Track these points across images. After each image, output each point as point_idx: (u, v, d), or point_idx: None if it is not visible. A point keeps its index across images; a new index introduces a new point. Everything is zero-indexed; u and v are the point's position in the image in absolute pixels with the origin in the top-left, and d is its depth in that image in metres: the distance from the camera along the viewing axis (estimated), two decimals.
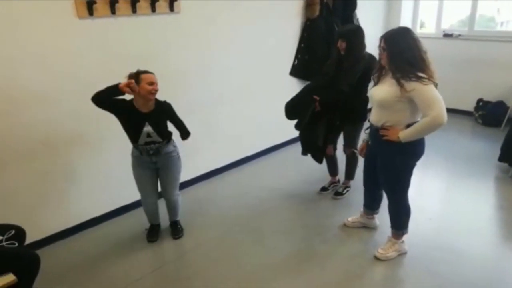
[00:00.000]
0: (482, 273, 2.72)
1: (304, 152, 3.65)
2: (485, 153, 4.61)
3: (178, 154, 3.03)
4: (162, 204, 3.23)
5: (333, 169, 3.90)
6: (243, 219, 3.47)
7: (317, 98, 3.29)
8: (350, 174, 3.81)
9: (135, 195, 3.13)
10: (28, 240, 2.49)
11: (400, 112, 2.53)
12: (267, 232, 3.28)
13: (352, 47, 3.16)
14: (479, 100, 5.73)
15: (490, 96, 5.66)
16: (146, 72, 2.71)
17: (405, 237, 2.94)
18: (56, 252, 3.10)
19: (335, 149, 3.66)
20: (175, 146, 3.01)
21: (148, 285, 2.73)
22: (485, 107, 5.61)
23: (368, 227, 3.25)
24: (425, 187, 4.08)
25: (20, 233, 2.36)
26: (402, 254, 2.94)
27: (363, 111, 3.45)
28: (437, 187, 4.08)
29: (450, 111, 5.89)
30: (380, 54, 2.55)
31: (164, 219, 3.33)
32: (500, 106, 5.50)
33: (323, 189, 3.89)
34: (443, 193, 3.95)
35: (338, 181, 3.95)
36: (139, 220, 3.43)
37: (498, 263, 2.83)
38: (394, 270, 2.81)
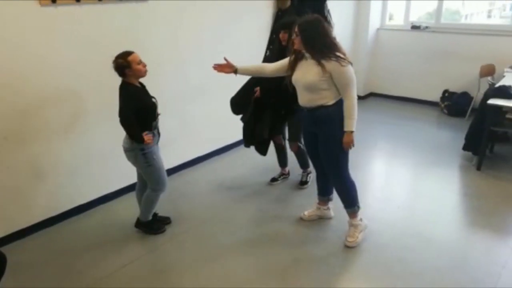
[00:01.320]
0: (447, 258, 2.83)
1: (247, 145, 3.68)
2: (450, 142, 4.77)
3: None
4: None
5: (283, 159, 3.93)
6: (215, 211, 3.47)
7: (257, 88, 3.35)
8: (305, 163, 3.83)
9: (103, 189, 3.06)
10: None
11: (328, 91, 2.68)
12: (239, 223, 3.30)
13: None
14: (445, 91, 5.91)
15: (455, 87, 5.84)
16: (128, 53, 2.65)
17: (360, 213, 3.03)
18: (23, 248, 3.00)
19: (284, 138, 3.71)
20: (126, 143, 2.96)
21: (120, 279, 2.69)
22: (450, 97, 5.79)
23: (324, 218, 3.30)
24: (393, 176, 4.19)
25: None
26: (365, 231, 3.05)
27: None
28: (404, 175, 4.19)
29: (417, 101, 6.20)
30: (293, 39, 2.68)
31: (167, 212, 3.33)
32: (464, 96, 5.69)
33: (273, 179, 3.92)
34: (410, 182, 4.06)
35: (288, 173, 3.99)
36: (109, 214, 3.39)
37: (462, 248, 2.95)
38: (362, 256, 2.88)
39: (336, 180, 2.98)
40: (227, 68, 2.96)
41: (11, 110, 2.85)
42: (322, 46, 2.59)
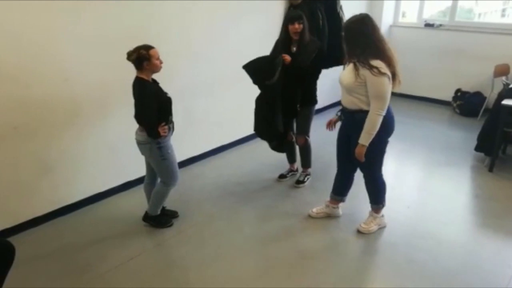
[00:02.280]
0: (458, 260, 2.78)
1: (270, 139, 3.56)
2: (462, 143, 4.70)
3: None
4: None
5: (292, 155, 3.88)
6: (223, 206, 3.45)
7: (288, 57, 3.18)
8: (307, 162, 3.79)
9: (112, 182, 3.05)
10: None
11: (365, 96, 2.62)
12: (246, 219, 3.27)
13: (305, 29, 3.24)
14: (457, 90, 5.82)
15: (468, 86, 5.76)
16: (150, 47, 2.66)
17: (384, 211, 3.06)
18: (30, 240, 3.01)
19: (293, 133, 3.67)
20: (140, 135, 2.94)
21: (126, 272, 2.69)
22: (463, 97, 5.71)
23: (332, 216, 3.27)
24: (404, 175, 4.14)
25: None
26: (382, 227, 3.08)
27: (315, 94, 3.53)
28: (415, 175, 4.14)
29: (428, 100, 6.12)
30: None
31: (175, 206, 3.33)
32: (477, 96, 5.61)
33: (282, 176, 3.89)
34: (421, 182, 4.01)
35: (297, 170, 3.94)
36: (116, 207, 3.40)
37: (473, 250, 2.90)
38: (371, 255, 2.85)
39: (368, 180, 2.99)
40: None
41: (21, 102, 2.86)
42: (357, 47, 2.54)
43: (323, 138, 3.76)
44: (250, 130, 3.65)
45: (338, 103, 5.79)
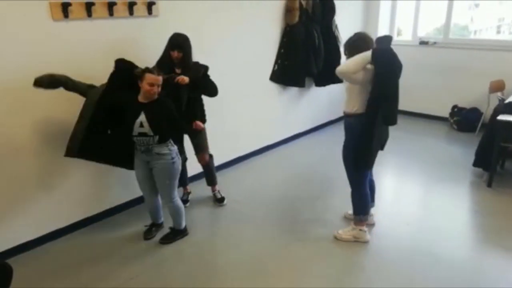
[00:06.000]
0: (458, 277, 2.76)
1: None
2: (460, 158, 4.71)
3: (173, 159, 2.94)
4: None
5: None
6: (222, 224, 3.43)
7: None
8: (215, 178, 3.80)
9: (113, 201, 3.05)
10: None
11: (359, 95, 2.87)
12: (245, 238, 3.27)
13: (187, 55, 3.16)
14: (454, 107, 5.87)
15: (465, 102, 5.80)
16: (151, 71, 2.73)
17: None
18: (29, 260, 3.00)
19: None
20: (171, 150, 2.93)
21: (142, 283, 2.68)
22: (460, 113, 5.75)
23: (367, 224, 3.24)
24: (402, 192, 4.14)
25: None
26: (360, 241, 3.11)
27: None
28: (414, 191, 4.14)
29: (426, 116, 6.14)
30: None
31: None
32: (474, 112, 5.65)
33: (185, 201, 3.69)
34: (419, 198, 4.01)
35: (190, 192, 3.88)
36: (116, 227, 3.38)
37: (474, 267, 2.88)
38: (370, 273, 2.83)
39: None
40: None
41: (22, 121, 2.89)
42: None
43: (323, 155, 3.78)
44: (248, 148, 3.66)
45: (336, 120, 5.88)
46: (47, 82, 2.71)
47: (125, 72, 2.83)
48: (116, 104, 2.81)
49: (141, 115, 2.78)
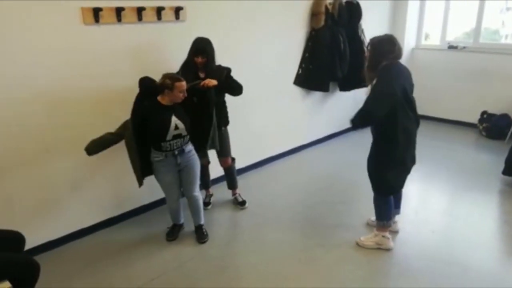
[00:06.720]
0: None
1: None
2: (489, 166, 4.58)
3: (194, 153, 3.15)
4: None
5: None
6: (244, 227, 3.45)
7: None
8: (236, 182, 3.81)
9: (137, 202, 3.11)
10: (28, 246, 2.49)
11: None
12: (267, 241, 3.28)
13: (211, 60, 3.18)
14: (484, 113, 5.71)
15: (495, 108, 5.64)
16: (179, 80, 2.84)
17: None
18: (54, 258, 3.09)
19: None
20: (191, 145, 3.12)
21: (164, 284, 2.73)
22: (489, 119, 5.59)
23: (391, 231, 3.22)
24: (429, 199, 4.06)
25: (19, 239, 2.34)
26: (383, 248, 3.07)
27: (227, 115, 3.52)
28: (440, 199, 4.05)
29: (454, 122, 6.01)
30: None
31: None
32: (504, 118, 5.48)
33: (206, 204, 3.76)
34: (446, 206, 3.92)
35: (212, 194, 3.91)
36: (140, 227, 3.44)
37: (502, 278, 2.79)
38: (395, 281, 2.78)
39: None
40: None
41: (53, 123, 2.99)
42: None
43: (347, 160, 3.75)
44: (271, 152, 3.66)
45: None
46: (100, 145, 2.83)
47: (149, 89, 2.93)
48: (144, 117, 2.87)
49: (173, 117, 2.89)
